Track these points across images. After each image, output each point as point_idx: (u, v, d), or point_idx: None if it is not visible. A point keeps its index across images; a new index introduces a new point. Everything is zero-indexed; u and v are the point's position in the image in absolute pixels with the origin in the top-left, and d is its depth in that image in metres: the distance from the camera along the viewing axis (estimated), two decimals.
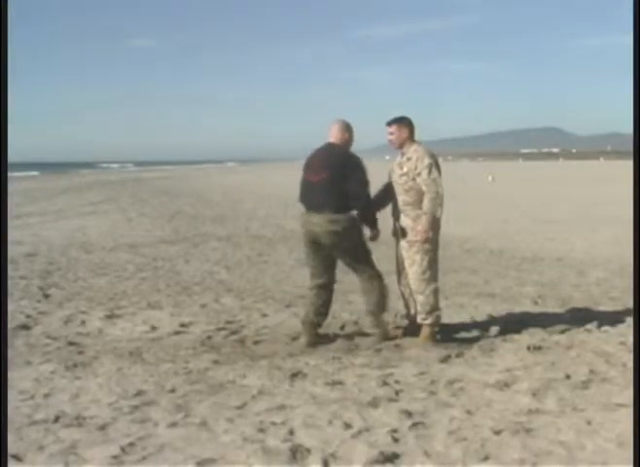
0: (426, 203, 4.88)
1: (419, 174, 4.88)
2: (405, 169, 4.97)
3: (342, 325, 5.54)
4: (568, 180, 36.97)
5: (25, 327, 5.60)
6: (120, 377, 4.27)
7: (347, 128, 5.04)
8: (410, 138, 5.05)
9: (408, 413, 3.55)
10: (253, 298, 6.78)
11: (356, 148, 5.15)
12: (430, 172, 4.87)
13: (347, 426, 3.38)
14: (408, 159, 4.97)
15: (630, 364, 4.30)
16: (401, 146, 5.05)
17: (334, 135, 5.02)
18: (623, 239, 10.54)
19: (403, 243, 5.03)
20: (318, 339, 5.04)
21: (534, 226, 13.89)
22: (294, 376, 4.23)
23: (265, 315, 6.00)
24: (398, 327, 5.35)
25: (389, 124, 5.05)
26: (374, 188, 5.15)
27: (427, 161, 4.90)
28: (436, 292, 5.03)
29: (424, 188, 4.88)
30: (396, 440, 3.22)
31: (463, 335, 5.27)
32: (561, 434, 3.27)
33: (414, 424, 3.41)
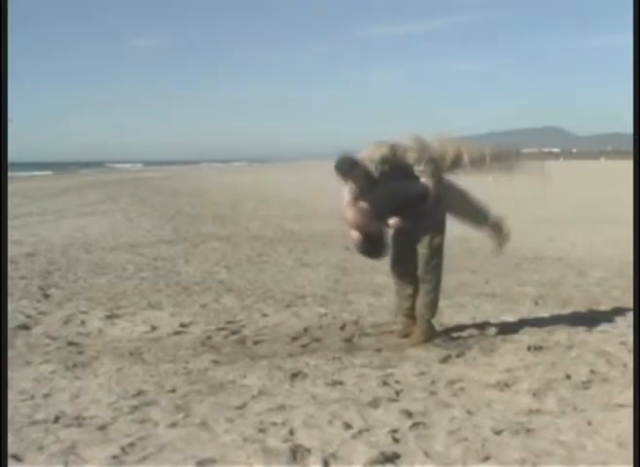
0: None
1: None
2: None
3: (342, 325, 5.53)
4: (568, 180, 36.94)
5: (25, 327, 5.59)
6: (120, 376, 4.27)
7: None
8: (366, 173, 4.67)
9: (409, 414, 3.55)
10: (253, 298, 6.78)
11: (354, 149, 5.12)
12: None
13: (347, 426, 3.38)
14: None
15: (631, 364, 4.29)
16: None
17: None
18: (624, 239, 10.52)
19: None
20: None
21: (534, 226, 13.87)
22: (294, 376, 4.23)
23: (265, 315, 5.99)
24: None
25: (344, 177, 4.66)
26: None
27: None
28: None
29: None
30: (396, 440, 3.22)
31: (463, 335, 5.27)
32: (562, 434, 3.27)
33: (415, 424, 3.41)
